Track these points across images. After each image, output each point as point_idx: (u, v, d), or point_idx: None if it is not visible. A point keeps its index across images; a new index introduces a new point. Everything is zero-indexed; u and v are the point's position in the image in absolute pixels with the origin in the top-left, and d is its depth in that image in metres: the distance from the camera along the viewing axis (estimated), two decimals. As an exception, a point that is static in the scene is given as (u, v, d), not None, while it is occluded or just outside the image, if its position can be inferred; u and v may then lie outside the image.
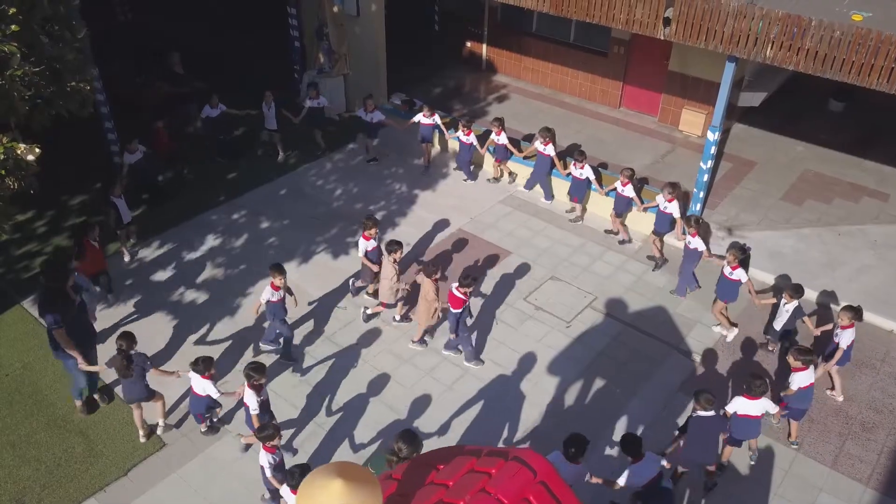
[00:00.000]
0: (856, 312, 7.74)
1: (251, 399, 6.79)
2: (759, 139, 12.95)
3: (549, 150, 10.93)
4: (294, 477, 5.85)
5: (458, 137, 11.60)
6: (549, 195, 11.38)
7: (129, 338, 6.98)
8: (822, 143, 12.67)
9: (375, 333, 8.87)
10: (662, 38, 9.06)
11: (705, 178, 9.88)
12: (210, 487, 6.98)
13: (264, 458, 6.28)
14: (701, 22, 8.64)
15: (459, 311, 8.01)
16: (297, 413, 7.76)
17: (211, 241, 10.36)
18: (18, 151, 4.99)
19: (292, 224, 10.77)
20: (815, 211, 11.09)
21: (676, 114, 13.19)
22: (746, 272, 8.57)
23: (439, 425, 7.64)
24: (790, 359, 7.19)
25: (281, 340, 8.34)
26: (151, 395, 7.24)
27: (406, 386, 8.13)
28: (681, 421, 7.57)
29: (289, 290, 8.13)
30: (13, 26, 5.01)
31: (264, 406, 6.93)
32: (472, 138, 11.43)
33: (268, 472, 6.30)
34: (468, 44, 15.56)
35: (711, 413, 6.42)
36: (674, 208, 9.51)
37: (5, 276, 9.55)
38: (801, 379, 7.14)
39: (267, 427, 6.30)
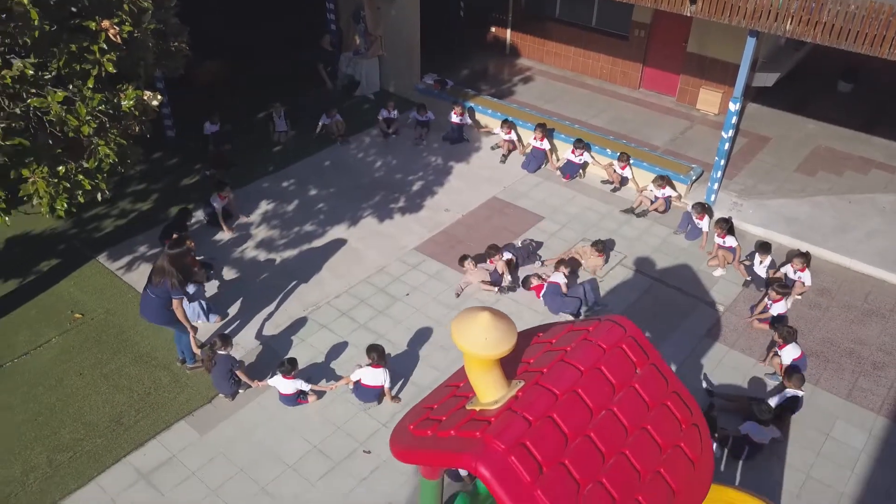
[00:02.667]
0: (806, 257, 9.23)
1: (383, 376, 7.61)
2: (772, 118, 13.70)
3: (545, 145, 12.08)
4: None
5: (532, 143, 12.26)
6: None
7: (223, 339, 7.67)
8: (833, 121, 13.42)
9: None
10: (689, 14, 9.79)
11: (727, 146, 10.61)
12: (287, 412, 7.73)
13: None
14: (725, -1, 9.37)
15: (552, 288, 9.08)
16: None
17: (265, 206, 11.13)
18: (145, 97, 5.73)
19: (338, 192, 11.53)
20: (827, 181, 11.84)
21: (694, 93, 13.94)
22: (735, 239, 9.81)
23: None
24: (775, 335, 8.20)
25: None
26: (236, 392, 7.86)
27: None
28: (710, 369, 8.37)
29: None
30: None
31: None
32: (545, 144, 12.13)
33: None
34: (493, 29, 16.31)
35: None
36: (704, 224, 10.38)
37: (78, 236, 10.30)
38: (788, 354, 7.98)
39: None
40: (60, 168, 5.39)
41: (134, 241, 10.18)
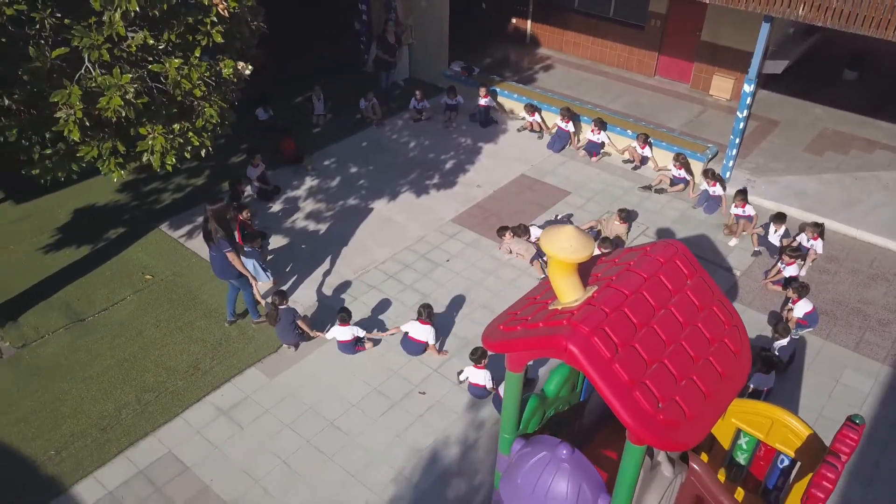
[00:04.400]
0: (818, 227, 9.97)
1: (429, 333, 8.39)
2: (781, 103, 14.47)
3: (570, 128, 12.91)
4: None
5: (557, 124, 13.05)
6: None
7: (280, 294, 8.42)
8: (839, 106, 14.20)
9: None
10: (707, 1, 10.57)
11: (741, 126, 11.40)
12: (347, 360, 8.52)
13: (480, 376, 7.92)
14: (742, -13, 10.15)
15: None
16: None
17: (309, 182, 11.92)
18: (239, 67, 6.49)
19: (377, 170, 12.31)
20: (834, 160, 12.62)
21: (707, 80, 14.72)
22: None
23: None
24: (790, 292, 9.03)
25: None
26: (299, 341, 8.63)
27: (494, 291, 9.70)
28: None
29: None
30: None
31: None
32: (570, 126, 12.96)
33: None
34: (513, 19, 17.09)
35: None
36: (718, 189, 11.24)
37: (139, 208, 11.10)
38: (800, 308, 8.78)
39: None
40: (175, 126, 6.16)
41: (192, 212, 10.97)
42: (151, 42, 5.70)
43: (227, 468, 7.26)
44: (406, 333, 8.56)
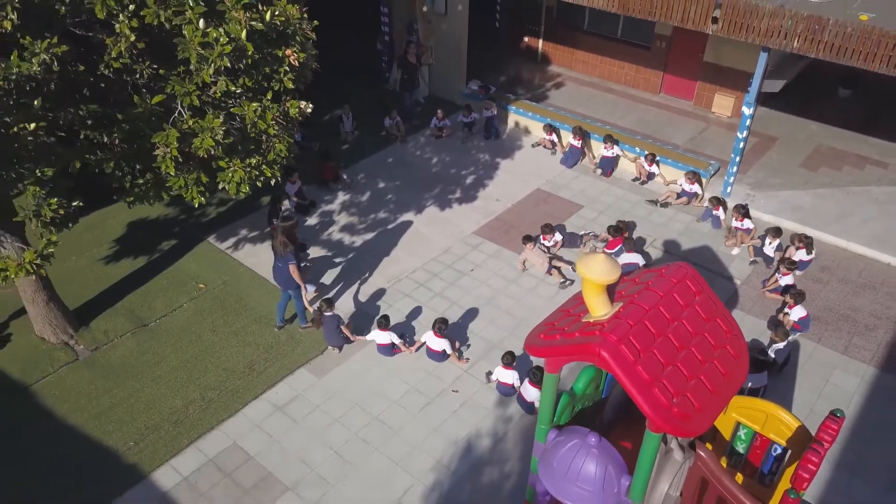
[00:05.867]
0: (805, 239, 11.11)
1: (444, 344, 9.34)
2: (779, 120, 15.42)
3: (580, 144, 13.91)
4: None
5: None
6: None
7: (327, 302, 9.37)
8: (833, 123, 15.15)
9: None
10: (710, 32, 11.51)
11: (741, 145, 12.34)
12: (386, 361, 9.47)
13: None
14: (742, 20, 11.08)
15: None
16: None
17: (342, 197, 12.87)
18: (302, 106, 7.42)
19: (403, 185, 13.27)
20: (828, 175, 13.57)
21: (710, 98, 15.67)
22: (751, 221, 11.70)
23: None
24: (787, 297, 10.04)
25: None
26: (343, 343, 9.56)
27: (516, 298, 10.66)
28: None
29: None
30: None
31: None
32: (581, 143, 13.94)
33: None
34: (525, 38, 18.05)
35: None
36: (720, 213, 12.26)
37: (188, 221, 12.05)
38: (796, 313, 9.74)
39: None
40: (251, 160, 7.10)
41: (236, 225, 11.93)
42: (232, 88, 6.63)
43: (285, 457, 8.21)
44: (425, 343, 9.51)
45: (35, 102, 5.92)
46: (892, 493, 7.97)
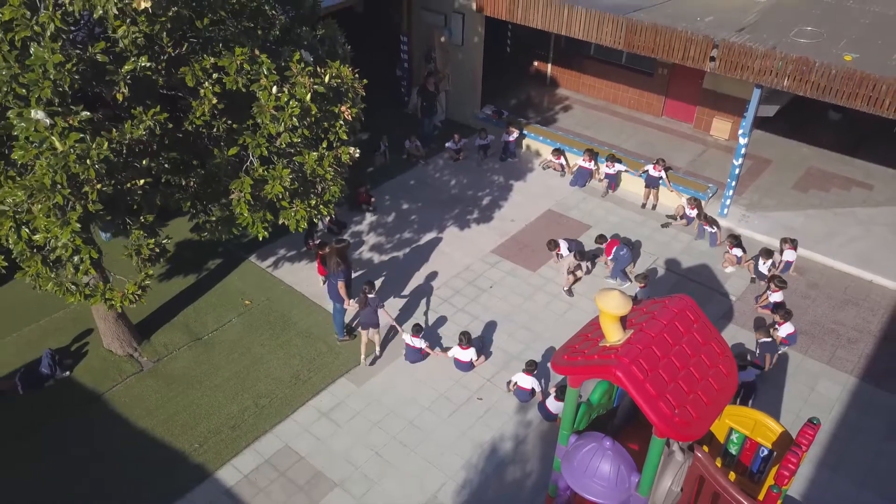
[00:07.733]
0: (793, 242, 12.33)
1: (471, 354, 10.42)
2: (773, 142, 16.52)
3: (592, 165, 14.99)
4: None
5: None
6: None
7: (370, 284, 10.44)
8: (823, 146, 16.25)
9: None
10: (708, 70, 12.61)
11: (737, 171, 13.45)
12: (416, 369, 10.57)
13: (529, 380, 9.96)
14: (738, 59, 12.17)
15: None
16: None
17: (369, 217, 13.98)
18: (351, 151, 8.50)
19: (425, 205, 14.37)
20: (817, 197, 14.67)
21: (708, 122, 16.77)
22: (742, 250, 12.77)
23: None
24: (776, 316, 11.05)
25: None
26: (378, 324, 10.61)
27: (532, 314, 11.75)
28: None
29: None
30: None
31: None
32: (592, 164, 15.04)
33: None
34: (535, 63, 19.15)
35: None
36: (710, 228, 13.37)
37: (231, 241, 13.06)
38: (784, 329, 10.84)
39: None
40: (311, 201, 8.20)
41: (274, 245, 13.01)
42: (295, 139, 7.71)
43: (333, 457, 9.31)
44: (454, 357, 10.59)
45: (143, 162, 7.02)
46: (867, 490, 9.07)
